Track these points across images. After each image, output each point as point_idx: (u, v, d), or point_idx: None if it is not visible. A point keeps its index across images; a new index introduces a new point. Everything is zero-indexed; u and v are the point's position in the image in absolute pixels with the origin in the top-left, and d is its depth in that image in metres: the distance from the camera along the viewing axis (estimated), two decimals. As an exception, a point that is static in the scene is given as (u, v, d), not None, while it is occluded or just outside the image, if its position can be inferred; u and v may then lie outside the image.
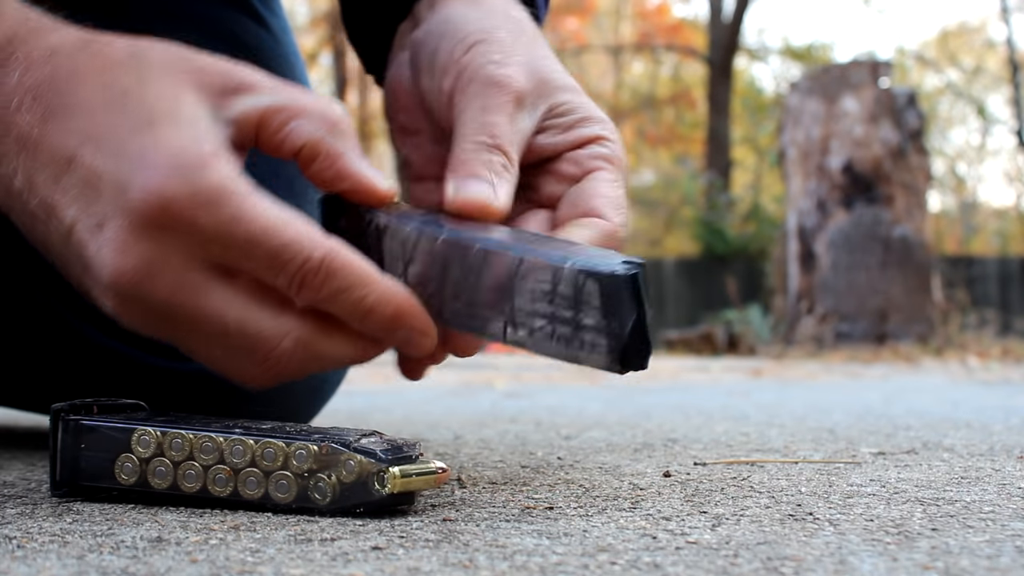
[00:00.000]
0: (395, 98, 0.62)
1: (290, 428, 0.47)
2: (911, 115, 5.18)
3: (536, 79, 0.56)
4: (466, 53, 0.56)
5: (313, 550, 0.38)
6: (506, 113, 0.54)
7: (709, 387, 2.08)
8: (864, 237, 5.14)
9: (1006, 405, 1.38)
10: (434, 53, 0.58)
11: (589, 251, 0.47)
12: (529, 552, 0.38)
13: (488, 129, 0.54)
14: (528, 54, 0.56)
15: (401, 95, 0.61)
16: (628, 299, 0.44)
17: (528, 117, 0.55)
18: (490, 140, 0.53)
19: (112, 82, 0.47)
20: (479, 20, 0.57)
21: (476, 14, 0.58)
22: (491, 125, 0.54)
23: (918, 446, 0.78)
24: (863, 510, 0.48)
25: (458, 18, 0.58)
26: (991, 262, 9.31)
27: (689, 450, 0.76)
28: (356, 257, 0.47)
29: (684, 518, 0.46)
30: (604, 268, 0.44)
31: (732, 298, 6.48)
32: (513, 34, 0.57)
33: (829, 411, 1.24)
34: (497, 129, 0.54)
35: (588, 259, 0.45)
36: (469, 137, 0.54)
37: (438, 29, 0.58)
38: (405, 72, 0.61)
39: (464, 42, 0.56)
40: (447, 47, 0.57)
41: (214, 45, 0.76)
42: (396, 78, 0.62)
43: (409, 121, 0.61)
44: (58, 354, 0.73)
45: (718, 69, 11.82)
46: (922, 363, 3.90)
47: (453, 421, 1.07)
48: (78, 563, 0.36)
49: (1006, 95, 15.42)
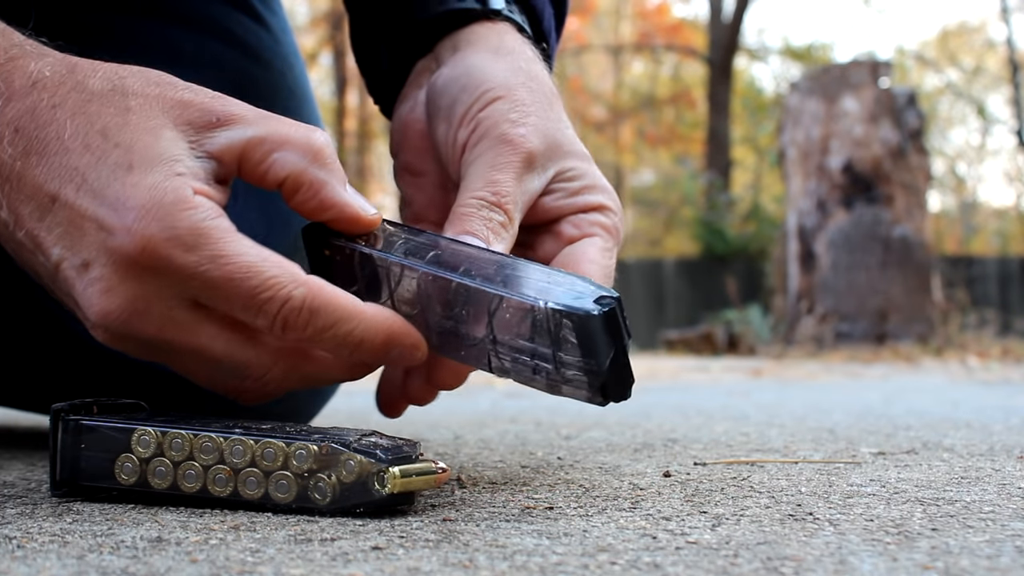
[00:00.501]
0: (405, 137, 0.62)
1: (290, 428, 0.47)
2: (911, 115, 5.18)
3: (548, 142, 0.56)
4: (484, 108, 0.56)
5: (313, 550, 0.38)
6: (514, 172, 0.55)
7: (709, 387, 2.08)
8: (864, 237, 5.14)
9: (1006, 405, 1.38)
10: (453, 103, 0.58)
11: (571, 281, 0.47)
12: (529, 552, 0.38)
13: (493, 186, 0.54)
14: (544, 116, 0.57)
15: (412, 136, 0.61)
16: (604, 336, 0.44)
17: (537, 178, 0.56)
18: (493, 197, 0.54)
19: (92, 120, 0.47)
20: (502, 75, 0.58)
21: (499, 67, 0.58)
22: (497, 182, 0.54)
23: (918, 446, 0.78)
24: (863, 510, 0.48)
25: (481, 70, 0.58)
26: (991, 262, 9.31)
27: (689, 450, 0.76)
28: (338, 292, 0.48)
29: (684, 518, 0.46)
30: (579, 307, 0.44)
31: (732, 298, 6.48)
32: (533, 94, 0.57)
33: (829, 411, 1.24)
34: (502, 187, 0.54)
35: (566, 293, 0.45)
36: (473, 191, 0.54)
37: (460, 79, 0.59)
38: (420, 114, 0.61)
39: (484, 97, 0.57)
40: (467, 99, 0.57)
41: (214, 44, 0.77)
42: (409, 118, 0.62)
43: (416, 162, 0.62)
44: (58, 354, 0.73)
45: (718, 69, 11.82)
46: (922, 363, 3.90)
47: (453, 421, 1.07)
48: (78, 563, 0.36)
49: (1006, 95, 15.42)
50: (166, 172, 0.46)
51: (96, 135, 0.47)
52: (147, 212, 0.46)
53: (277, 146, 0.48)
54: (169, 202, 0.46)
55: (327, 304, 0.47)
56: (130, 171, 0.47)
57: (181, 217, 0.46)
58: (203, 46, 0.76)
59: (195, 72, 0.75)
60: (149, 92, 0.48)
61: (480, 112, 0.56)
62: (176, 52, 0.75)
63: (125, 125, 0.47)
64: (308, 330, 0.47)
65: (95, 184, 0.47)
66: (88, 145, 0.47)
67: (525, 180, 0.55)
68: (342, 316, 0.47)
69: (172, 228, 0.46)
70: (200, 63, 0.75)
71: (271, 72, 0.78)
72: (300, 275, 0.47)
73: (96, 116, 0.48)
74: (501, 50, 0.60)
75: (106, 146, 0.47)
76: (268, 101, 0.77)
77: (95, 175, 0.47)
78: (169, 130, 0.47)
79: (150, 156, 0.47)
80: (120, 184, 0.46)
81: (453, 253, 0.49)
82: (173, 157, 0.47)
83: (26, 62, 0.49)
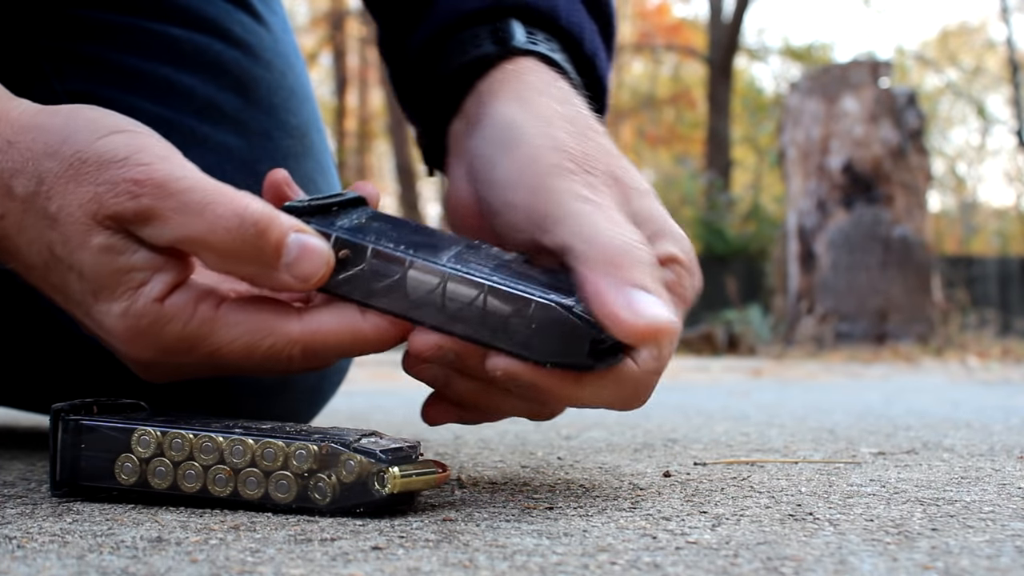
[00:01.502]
0: (458, 217, 0.57)
1: (290, 428, 0.47)
2: (911, 115, 5.18)
3: (617, 186, 0.51)
4: (535, 165, 0.51)
5: (313, 550, 0.38)
6: (623, 218, 0.49)
7: (709, 387, 2.09)
8: (864, 237, 5.14)
9: (1006, 405, 1.38)
10: (493, 167, 0.53)
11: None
12: (529, 552, 0.38)
13: (620, 230, 0.48)
14: (602, 156, 0.52)
15: (465, 215, 0.57)
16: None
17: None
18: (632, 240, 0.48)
19: (33, 235, 0.48)
20: (538, 126, 0.53)
21: (531, 119, 0.53)
22: (620, 224, 0.48)
23: (918, 446, 0.78)
24: (863, 510, 0.48)
25: (513, 126, 0.53)
26: (991, 262, 9.31)
27: (689, 450, 0.76)
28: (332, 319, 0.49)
29: (684, 518, 0.46)
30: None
31: (732, 298, 6.47)
32: (579, 138, 0.52)
33: (829, 411, 1.24)
34: (629, 232, 0.48)
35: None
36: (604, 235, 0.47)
37: (495, 140, 0.54)
38: (464, 189, 0.56)
39: (529, 154, 0.51)
40: (508, 163, 0.52)
41: (214, 44, 0.77)
42: (456, 197, 0.57)
43: (478, 233, 0.55)
44: (58, 354, 0.73)
45: (718, 69, 11.82)
46: (922, 363, 3.90)
47: (453, 421, 1.07)
48: (78, 563, 0.36)
49: (1006, 95, 15.41)
50: (126, 291, 0.47)
51: (47, 251, 0.48)
52: (132, 341, 0.48)
53: (196, 249, 0.48)
54: (147, 325, 0.48)
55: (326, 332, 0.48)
56: (97, 299, 0.48)
57: (166, 335, 0.48)
58: (203, 46, 0.76)
59: (195, 72, 0.75)
60: (66, 189, 0.47)
61: (533, 170, 0.51)
62: (176, 52, 0.75)
63: (63, 241, 0.47)
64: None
65: (79, 301, 0.49)
66: (48, 265, 0.49)
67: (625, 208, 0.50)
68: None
69: (163, 348, 0.48)
70: (200, 63, 0.75)
71: (272, 72, 0.78)
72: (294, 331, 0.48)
73: (34, 230, 0.48)
74: (525, 95, 0.55)
75: (61, 268, 0.48)
76: (268, 102, 0.77)
77: (72, 295, 0.49)
78: (98, 235, 0.47)
79: (102, 278, 0.47)
80: (96, 312, 0.48)
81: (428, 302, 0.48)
82: (119, 268, 0.47)
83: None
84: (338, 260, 0.48)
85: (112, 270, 0.47)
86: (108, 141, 0.47)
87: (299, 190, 0.53)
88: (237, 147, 0.74)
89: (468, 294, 0.46)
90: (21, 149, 0.48)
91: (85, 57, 0.73)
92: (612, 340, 0.46)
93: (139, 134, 0.48)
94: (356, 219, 0.50)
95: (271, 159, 0.76)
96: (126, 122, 0.49)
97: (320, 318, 0.48)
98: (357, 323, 0.48)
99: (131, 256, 0.47)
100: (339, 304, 0.48)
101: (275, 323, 0.48)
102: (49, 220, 0.47)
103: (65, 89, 0.72)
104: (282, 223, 0.47)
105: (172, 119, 0.73)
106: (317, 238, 0.48)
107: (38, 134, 0.48)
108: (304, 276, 0.47)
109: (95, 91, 0.72)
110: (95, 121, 0.48)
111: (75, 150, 0.47)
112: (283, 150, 0.77)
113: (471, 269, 0.47)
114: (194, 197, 0.46)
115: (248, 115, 0.76)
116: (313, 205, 0.50)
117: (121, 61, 0.73)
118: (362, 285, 0.48)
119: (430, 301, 0.47)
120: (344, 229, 0.49)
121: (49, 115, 0.49)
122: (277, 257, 0.47)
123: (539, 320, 0.45)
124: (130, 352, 0.49)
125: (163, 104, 0.73)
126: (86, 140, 0.47)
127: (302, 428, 0.47)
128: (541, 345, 0.46)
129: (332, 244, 0.48)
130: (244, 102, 0.76)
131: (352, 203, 0.52)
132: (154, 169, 0.46)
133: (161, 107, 0.73)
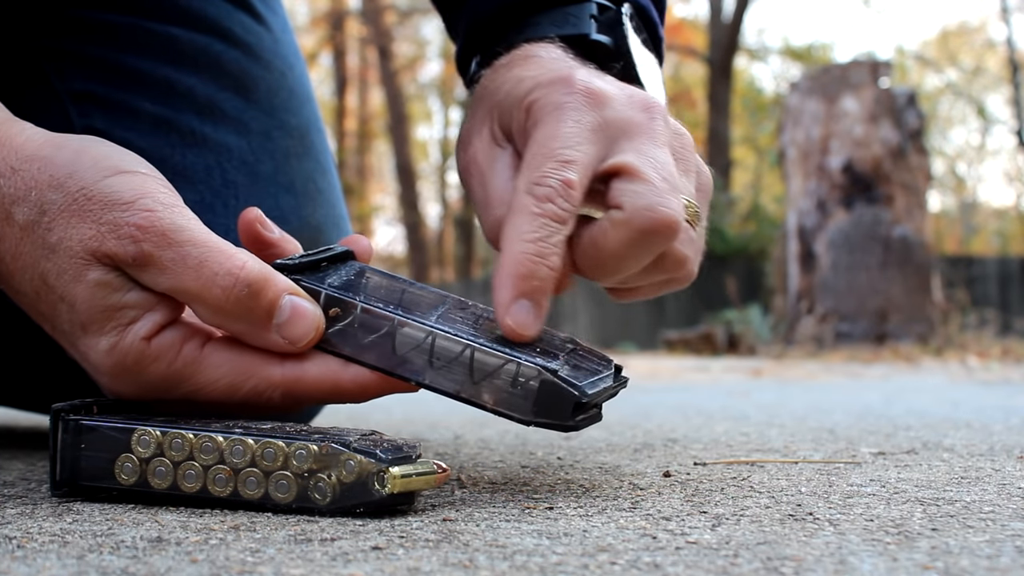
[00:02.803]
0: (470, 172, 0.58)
1: (290, 428, 0.47)
2: (911, 115, 5.18)
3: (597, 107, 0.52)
4: (531, 93, 0.53)
5: (313, 550, 0.38)
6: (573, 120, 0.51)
7: (709, 387, 2.09)
8: (864, 237, 5.14)
9: (1006, 405, 1.38)
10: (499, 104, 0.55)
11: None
12: (529, 552, 0.38)
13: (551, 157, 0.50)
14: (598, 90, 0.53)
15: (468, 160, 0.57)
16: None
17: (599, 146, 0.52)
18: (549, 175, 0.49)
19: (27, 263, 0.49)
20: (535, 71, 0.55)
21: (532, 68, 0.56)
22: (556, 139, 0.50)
23: (918, 446, 0.78)
24: (863, 510, 0.48)
25: (536, 57, 0.57)
26: (991, 262, 9.30)
27: (689, 450, 0.76)
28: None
29: (684, 518, 0.46)
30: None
31: (732, 298, 6.47)
32: (590, 75, 0.53)
33: (829, 411, 1.24)
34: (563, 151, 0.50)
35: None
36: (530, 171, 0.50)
37: (517, 65, 0.57)
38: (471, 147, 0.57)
39: (528, 86, 0.53)
40: (516, 92, 0.54)
41: (215, 44, 0.77)
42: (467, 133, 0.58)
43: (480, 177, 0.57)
44: (58, 354, 0.73)
45: (718, 69, 11.82)
46: (922, 363, 3.90)
47: (453, 421, 1.07)
48: (78, 563, 0.36)
49: (1006, 95, 15.41)
50: (115, 328, 0.48)
51: (39, 280, 0.49)
52: (116, 376, 0.49)
53: (189, 301, 0.48)
54: (132, 363, 0.48)
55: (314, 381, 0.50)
56: (85, 332, 0.49)
57: (150, 373, 0.49)
58: (204, 46, 0.76)
59: (195, 72, 0.75)
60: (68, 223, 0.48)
61: (529, 97, 0.53)
62: (177, 52, 0.75)
63: (58, 273, 0.48)
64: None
65: (66, 332, 0.50)
66: (39, 293, 0.49)
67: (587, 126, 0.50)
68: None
69: (146, 384, 0.49)
70: (200, 63, 0.75)
71: (272, 72, 0.78)
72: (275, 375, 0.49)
73: (30, 257, 0.48)
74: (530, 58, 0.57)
75: (53, 297, 0.49)
76: (269, 102, 0.77)
77: (60, 325, 0.49)
78: (95, 270, 0.48)
79: (93, 313, 0.48)
80: (83, 344, 0.49)
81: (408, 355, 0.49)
82: (111, 305, 0.48)
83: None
84: (328, 317, 0.49)
85: (104, 306, 0.48)
86: (114, 181, 0.48)
87: (273, 227, 0.53)
88: (237, 147, 0.74)
89: (454, 352, 0.48)
90: (25, 177, 0.48)
91: (86, 57, 0.73)
92: (594, 400, 0.48)
93: (145, 177, 0.49)
94: (345, 275, 0.52)
95: (271, 159, 0.76)
96: (132, 161, 0.49)
97: (303, 366, 0.49)
98: (339, 375, 0.49)
99: (125, 294, 0.48)
100: (323, 354, 0.50)
101: (258, 366, 0.49)
102: (47, 250, 0.48)
103: (65, 89, 0.72)
104: (276, 284, 0.48)
105: (172, 119, 0.73)
106: (309, 302, 0.49)
107: (43, 165, 0.48)
108: (294, 338, 0.49)
109: (95, 91, 0.72)
110: (102, 159, 0.49)
111: (81, 186, 0.48)
112: (283, 150, 0.77)
113: (457, 329, 0.48)
114: (192, 252, 0.47)
115: (248, 115, 0.76)
116: (303, 262, 0.51)
117: (122, 61, 0.73)
118: (350, 340, 0.49)
119: (416, 358, 0.48)
120: (334, 287, 0.50)
121: (55, 147, 0.49)
122: (269, 319, 0.48)
123: (524, 382, 0.47)
124: (113, 386, 0.50)
125: (163, 104, 0.73)
126: (92, 178, 0.48)
127: (302, 428, 0.47)
128: (525, 405, 0.47)
129: (322, 302, 0.49)
130: (244, 102, 0.76)
131: (341, 258, 0.53)
132: (158, 217, 0.47)
133: (161, 107, 0.73)
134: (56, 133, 0.51)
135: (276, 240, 0.52)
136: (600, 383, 0.49)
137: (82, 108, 0.72)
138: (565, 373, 0.47)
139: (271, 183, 0.76)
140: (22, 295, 0.50)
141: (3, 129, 0.50)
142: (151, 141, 0.72)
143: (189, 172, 0.73)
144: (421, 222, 14.13)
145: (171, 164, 0.72)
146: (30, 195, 0.48)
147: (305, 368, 0.49)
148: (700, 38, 14.46)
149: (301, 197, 0.77)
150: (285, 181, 0.77)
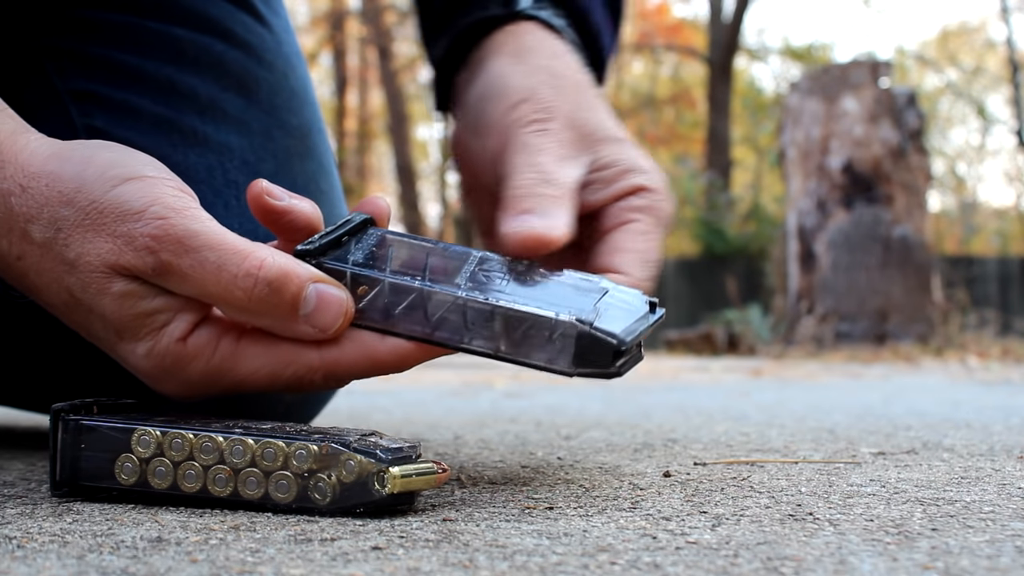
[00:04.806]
0: (457, 157, 0.64)
1: (290, 428, 0.47)
2: (911, 115, 5.18)
3: (580, 132, 0.56)
4: (509, 114, 0.57)
5: (313, 550, 0.38)
6: (554, 157, 0.55)
7: (709, 387, 2.09)
8: (864, 237, 5.14)
9: (1006, 405, 1.38)
10: (480, 115, 0.59)
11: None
12: (529, 552, 0.38)
13: (538, 168, 0.54)
14: (573, 108, 0.57)
15: (459, 156, 0.63)
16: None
17: (575, 168, 0.56)
18: (540, 176, 0.54)
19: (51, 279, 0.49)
20: (521, 79, 0.58)
21: (519, 71, 0.59)
22: (540, 164, 0.54)
23: (918, 446, 0.78)
24: (863, 510, 0.48)
25: (501, 78, 0.59)
26: (991, 262, 9.30)
27: (689, 450, 0.76)
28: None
29: (684, 518, 0.46)
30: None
31: (732, 298, 6.47)
32: (557, 89, 0.58)
33: (829, 411, 1.24)
34: (547, 167, 0.54)
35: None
36: (520, 175, 0.54)
37: (485, 91, 0.60)
38: (460, 134, 0.63)
39: (507, 104, 0.57)
40: (492, 110, 0.58)
41: (216, 44, 0.77)
42: (455, 139, 0.64)
43: (468, 180, 0.63)
44: (58, 354, 0.73)
45: (718, 69, 11.81)
46: (922, 363, 3.90)
47: (453, 421, 1.07)
48: (78, 563, 0.36)
49: (1006, 95, 15.41)
50: (150, 332, 0.48)
51: (66, 294, 0.49)
52: (158, 378, 0.49)
53: (214, 303, 0.49)
54: (171, 364, 0.49)
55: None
56: (121, 339, 0.49)
57: (190, 372, 0.49)
58: (205, 46, 0.75)
59: (197, 72, 0.75)
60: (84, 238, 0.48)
61: (505, 119, 0.57)
62: (178, 52, 0.74)
63: (83, 287, 0.48)
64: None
65: (103, 338, 0.50)
66: (68, 305, 0.49)
67: (567, 165, 0.55)
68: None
69: (188, 382, 0.49)
70: (202, 63, 0.75)
71: (273, 73, 0.78)
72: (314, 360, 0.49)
73: (52, 273, 0.48)
74: (521, 52, 0.60)
75: (82, 309, 0.49)
76: (270, 102, 0.77)
77: (95, 332, 0.50)
78: (117, 282, 0.48)
79: (124, 321, 0.48)
80: (121, 350, 0.49)
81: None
82: (141, 312, 0.48)
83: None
84: (356, 295, 0.49)
85: (134, 314, 0.48)
86: (123, 191, 0.47)
87: (281, 193, 0.52)
88: (239, 147, 0.74)
89: (486, 312, 0.47)
90: (35, 195, 0.48)
91: (87, 57, 0.73)
92: (633, 343, 0.48)
93: (153, 181, 0.48)
94: (368, 247, 0.51)
95: (272, 159, 0.76)
96: (138, 165, 0.49)
97: (340, 346, 0.49)
98: (375, 349, 0.49)
99: (152, 300, 0.48)
100: (357, 330, 0.49)
101: (295, 353, 0.49)
102: (67, 266, 0.48)
103: (66, 88, 0.72)
104: (298, 275, 0.48)
105: (174, 119, 0.73)
106: (335, 287, 0.48)
107: (51, 181, 0.48)
108: (324, 327, 0.48)
109: (97, 90, 0.72)
110: (108, 168, 0.48)
111: (90, 200, 0.47)
112: (284, 150, 0.77)
113: (488, 287, 0.48)
114: (209, 256, 0.47)
115: (250, 115, 0.76)
116: (324, 243, 0.50)
117: (123, 61, 0.73)
118: (382, 313, 0.49)
119: (450, 323, 0.48)
120: (358, 264, 0.49)
121: (60, 160, 0.49)
122: (295, 312, 0.48)
123: (561, 336, 0.47)
124: (158, 387, 0.50)
125: (165, 104, 0.73)
126: (101, 189, 0.48)
127: (302, 428, 0.48)
128: (566, 359, 0.47)
129: (348, 282, 0.49)
130: (246, 102, 0.76)
131: (361, 227, 0.52)
132: (171, 224, 0.47)
133: (163, 107, 0.73)
134: (60, 142, 0.50)
135: (286, 208, 0.51)
136: (636, 325, 0.48)
137: (83, 107, 0.72)
138: (600, 322, 0.47)
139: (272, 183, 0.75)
140: (53, 307, 0.50)
141: (7, 145, 0.49)
142: (152, 141, 0.72)
143: (190, 172, 0.72)
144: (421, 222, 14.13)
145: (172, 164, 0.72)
146: (43, 213, 0.48)
147: (342, 348, 0.49)
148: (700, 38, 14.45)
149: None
150: (287, 181, 0.76)
